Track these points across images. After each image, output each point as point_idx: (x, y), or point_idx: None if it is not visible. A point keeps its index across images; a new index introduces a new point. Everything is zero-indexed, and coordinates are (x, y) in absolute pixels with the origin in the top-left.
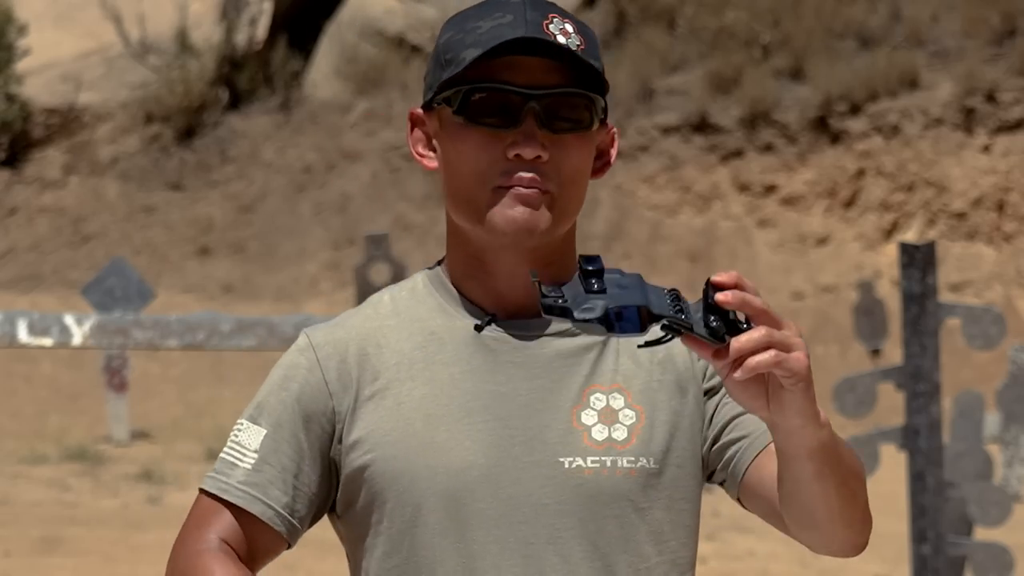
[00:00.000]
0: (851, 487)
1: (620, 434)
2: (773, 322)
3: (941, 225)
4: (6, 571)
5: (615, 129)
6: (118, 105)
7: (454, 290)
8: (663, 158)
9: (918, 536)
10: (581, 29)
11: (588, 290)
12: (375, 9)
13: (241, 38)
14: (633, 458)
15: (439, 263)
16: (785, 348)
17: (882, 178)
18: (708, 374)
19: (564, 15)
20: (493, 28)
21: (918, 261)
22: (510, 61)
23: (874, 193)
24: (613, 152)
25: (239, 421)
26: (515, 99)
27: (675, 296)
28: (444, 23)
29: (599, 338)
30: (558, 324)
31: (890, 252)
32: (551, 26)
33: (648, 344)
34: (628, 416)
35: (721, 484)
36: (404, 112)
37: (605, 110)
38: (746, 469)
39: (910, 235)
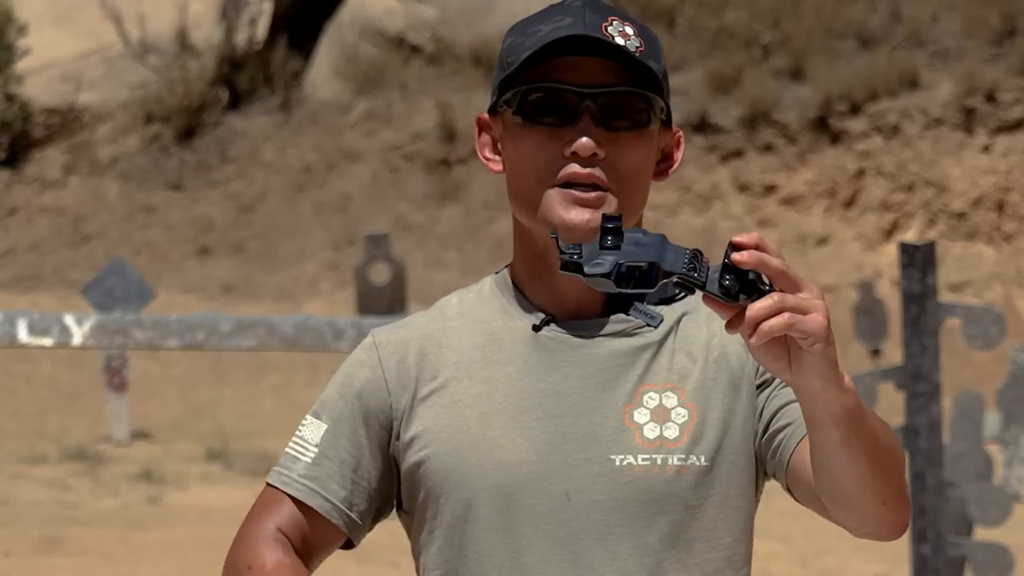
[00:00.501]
0: (882, 462)
1: (672, 432)
2: (791, 284)
3: (941, 225)
4: (6, 571)
5: (680, 132)
6: (118, 105)
7: (517, 292)
8: None
9: (918, 536)
10: (642, 32)
11: (603, 246)
12: (375, 9)
13: (241, 38)
14: (684, 456)
15: (507, 267)
16: (800, 311)
17: (882, 178)
18: (760, 370)
19: (625, 18)
20: (552, 31)
21: (918, 261)
22: (569, 62)
23: (874, 193)
24: (678, 155)
25: (305, 417)
26: (571, 98)
27: (694, 256)
28: (509, 28)
29: (655, 338)
30: (615, 324)
31: (890, 252)
32: (610, 28)
33: (662, 301)
34: (680, 414)
35: (775, 476)
36: (404, 112)
37: (666, 111)
38: (791, 455)
39: (910, 235)
